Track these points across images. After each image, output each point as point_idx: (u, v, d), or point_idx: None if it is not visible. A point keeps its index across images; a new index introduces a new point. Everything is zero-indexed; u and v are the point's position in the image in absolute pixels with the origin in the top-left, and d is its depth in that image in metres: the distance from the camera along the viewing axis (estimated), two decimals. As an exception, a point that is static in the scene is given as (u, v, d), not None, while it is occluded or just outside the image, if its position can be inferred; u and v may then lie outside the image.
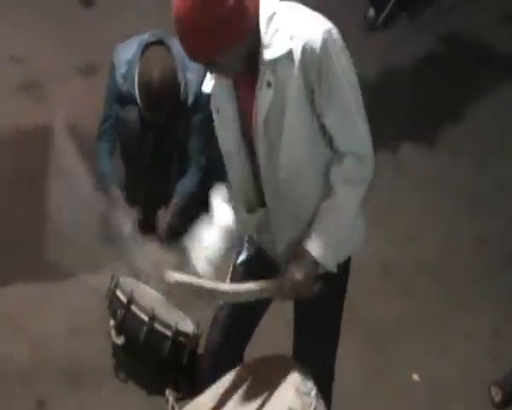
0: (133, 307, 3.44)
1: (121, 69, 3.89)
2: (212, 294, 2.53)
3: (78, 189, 4.25)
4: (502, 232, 4.57)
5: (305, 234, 2.47)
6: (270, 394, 2.50)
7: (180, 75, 3.83)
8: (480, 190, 4.83)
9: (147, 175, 4.07)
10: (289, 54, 2.31)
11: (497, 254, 4.45)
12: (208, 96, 3.92)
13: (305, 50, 2.29)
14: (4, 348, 3.63)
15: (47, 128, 4.80)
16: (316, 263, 2.46)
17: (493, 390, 3.69)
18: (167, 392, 3.49)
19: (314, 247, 2.45)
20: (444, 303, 4.13)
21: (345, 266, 2.70)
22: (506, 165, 5.01)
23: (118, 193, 3.96)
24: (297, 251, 2.48)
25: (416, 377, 3.78)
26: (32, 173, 4.48)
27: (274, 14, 2.33)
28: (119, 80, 3.88)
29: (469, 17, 6.17)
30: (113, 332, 3.48)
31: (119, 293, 3.49)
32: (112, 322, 3.50)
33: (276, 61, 2.32)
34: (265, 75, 2.34)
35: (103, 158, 3.99)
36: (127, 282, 3.61)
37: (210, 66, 2.39)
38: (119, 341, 3.46)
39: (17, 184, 4.44)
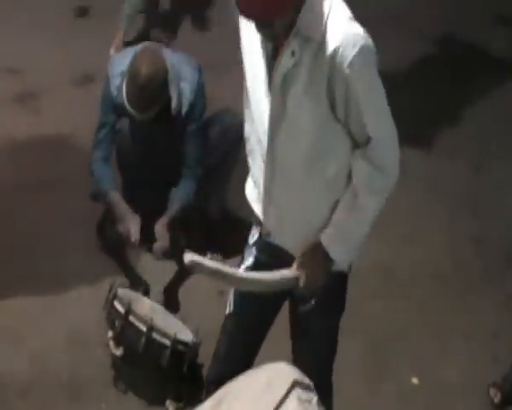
0: (131, 318, 3.43)
1: (115, 81, 3.88)
2: (228, 279, 2.60)
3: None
4: (500, 234, 4.57)
5: (323, 228, 2.52)
6: (272, 402, 2.50)
7: (173, 84, 3.83)
8: (478, 191, 4.83)
9: (143, 186, 4.07)
10: (322, 44, 2.31)
11: (496, 255, 4.44)
12: (202, 106, 3.98)
13: (335, 56, 2.30)
14: (4, 361, 3.64)
15: (43, 139, 4.82)
16: (329, 259, 2.51)
17: (492, 391, 3.69)
18: (167, 402, 3.49)
19: (331, 244, 2.50)
20: (443, 305, 4.13)
21: (343, 278, 2.72)
22: (504, 166, 5.00)
23: (117, 195, 3.94)
24: (313, 245, 2.53)
25: (415, 380, 3.78)
26: (29, 185, 4.49)
27: None
28: (114, 92, 3.88)
29: (465, 19, 6.18)
30: (111, 343, 3.46)
31: (116, 304, 3.48)
32: (110, 333, 3.49)
33: (307, 38, 2.33)
34: (292, 44, 2.34)
35: (99, 165, 3.98)
36: (125, 293, 3.61)
37: (264, 28, 2.36)
38: (118, 352, 3.45)
39: (15, 195, 4.44)
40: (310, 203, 2.56)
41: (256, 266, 2.77)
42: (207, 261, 2.55)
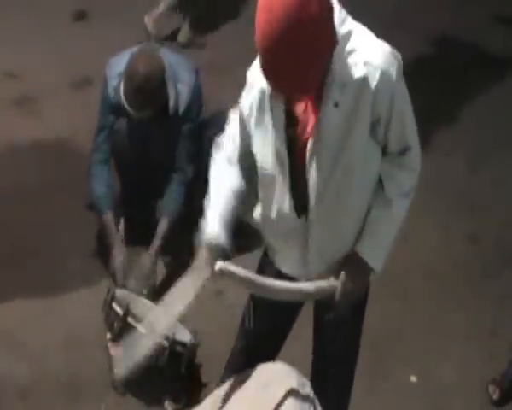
0: (130, 320, 3.44)
1: (113, 82, 3.91)
2: (260, 288, 2.58)
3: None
4: (497, 232, 4.58)
5: (357, 241, 2.55)
6: (269, 400, 2.52)
7: (171, 83, 3.85)
8: (475, 190, 4.84)
9: (141, 185, 4.08)
10: (363, 79, 2.29)
11: (493, 254, 4.46)
12: (199, 107, 3.99)
13: (382, 79, 2.30)
14: (4, 363, 3.65)
15: (42, 142, 4.84)
16: (369, 269, 2.55)
17: (491, 388, 3.70)
18: (166, 403, 3.49)
19: (369, 255, 2.54)
20: (441, 304, 4.14)
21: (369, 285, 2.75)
22: (501, 165, 5.02)
23: (110, 219, 3.95)
24: (350, 257, 2.55)
25: (413, 378, 3.79)
26: (28, 188, 4.50)
27: (350, 33, 2.31)
28: (111, 93, 3.90)
29: (463, 19, 6.20)
30: (110, 345, 3.48)
31: (115, 306, 3.47)
32: (109, 335, 3.49)
33: (347, 82, 2.30)
34: (333, 95, 2.31)
35: (97, 169, 3.99)
36: (123, 294, 3.62)
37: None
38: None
39: (14, 199, 4.45)
40: (350, 228, 2.57)
41: None
42: (238, 270, 2.52)
